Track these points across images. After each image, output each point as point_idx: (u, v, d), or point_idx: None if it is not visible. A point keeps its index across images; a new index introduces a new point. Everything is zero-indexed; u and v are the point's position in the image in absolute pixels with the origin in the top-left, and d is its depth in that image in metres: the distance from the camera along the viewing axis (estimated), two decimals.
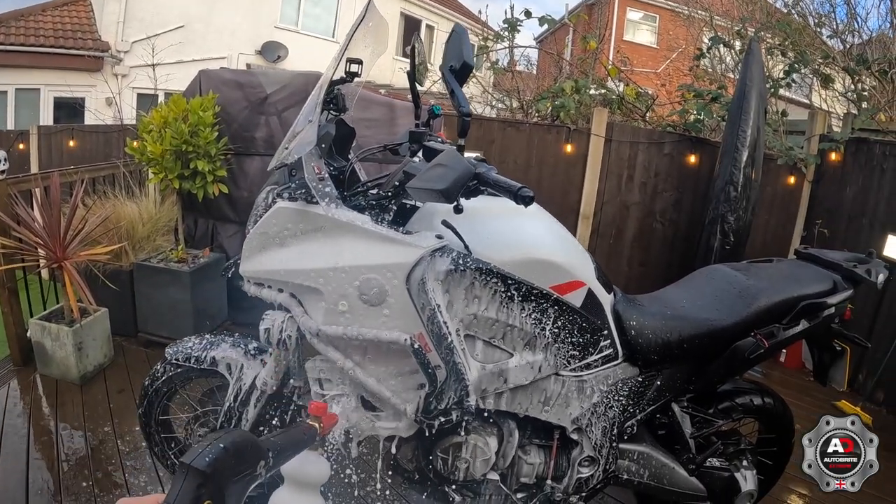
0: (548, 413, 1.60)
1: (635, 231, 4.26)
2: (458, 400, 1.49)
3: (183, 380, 1.91)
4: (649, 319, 1.66)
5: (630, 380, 1.67)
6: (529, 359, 1.52)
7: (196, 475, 0.61)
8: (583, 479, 1.71)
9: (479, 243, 1.46)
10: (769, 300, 1.72)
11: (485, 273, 1.41)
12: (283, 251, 1.44)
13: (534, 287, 1.46)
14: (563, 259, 1.51)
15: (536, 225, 1.58)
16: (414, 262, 1.37)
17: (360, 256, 1.38)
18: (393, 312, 1.41)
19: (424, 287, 1.37)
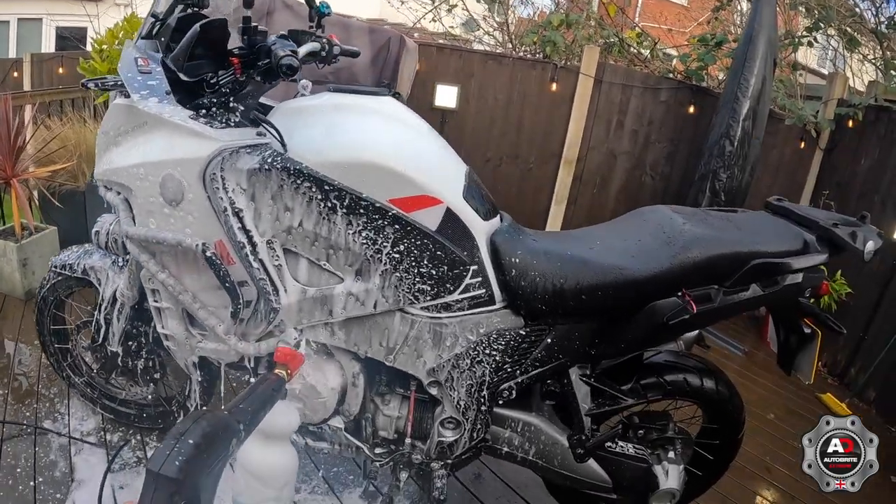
0: (394, 359, 1.31)
1: (622, 182, 3.84)
2: (270, 324, 1.25)
3: (65, 288, 1.83)
4: (539, 259, 1.31)
5: (510, 332, 1.34)
6: (361, 287, 1.23)
7: (167, 484, 0.54)
8: (445, 443, 1.41)
9: (302, 142, 1.20)
10: (705, 252, 1.30)
11: (294, 175, 1.15)
12: (116, 150, 1.30)
13: (362, 198, 1.17)
14: (405, 167, 1.20)
15: (384, 126, 1.27)
16: (209, 156, 1.16)
17: (164, 151, 1.21)
18: (192, 214, 1.22)
19: (217, 186, 1.16)
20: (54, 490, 1.68)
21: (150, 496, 0.55)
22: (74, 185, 2.67)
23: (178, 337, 1.43)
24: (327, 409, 1.39)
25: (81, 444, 1.87)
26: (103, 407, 1.95)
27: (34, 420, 1.92)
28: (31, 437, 1.87)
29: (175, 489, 0.54)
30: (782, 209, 1.48)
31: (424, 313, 1.28)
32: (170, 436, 0.59)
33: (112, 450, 1.87)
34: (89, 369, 1.95)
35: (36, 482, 1.70)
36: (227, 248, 1.21)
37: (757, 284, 1.34)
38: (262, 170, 1.15)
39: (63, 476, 1.74)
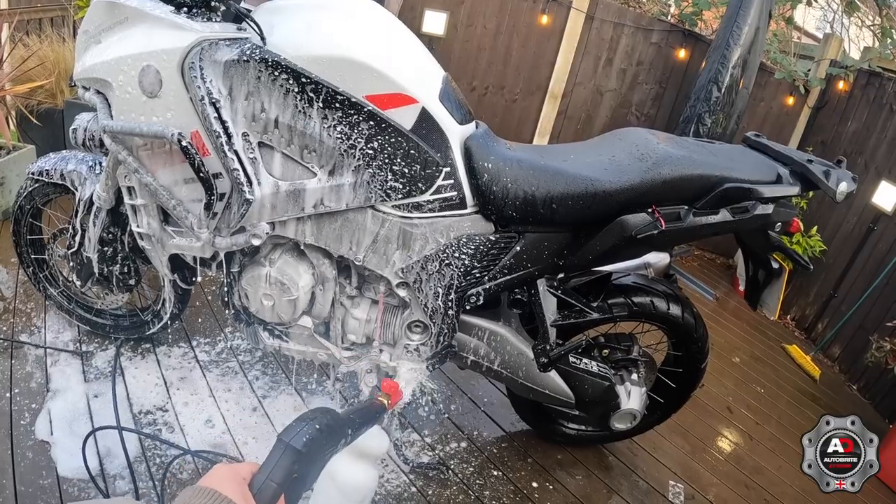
0: (364, 258, 1.34)
1: (607, 120, 3.86)
2: (242, 218, 1.27)
3: (42, 196, 1.82)
4: (512, 166, 1.33)
5: (480, 237, 1.37)
6: (335, 182, 1.25)
7: (293, 453, 0.65)
8: (412, 347, 1.45)
9: (282, 36, 1.22)
10: (676, 171, 1.33)
11: (271, 66, 1.17)
12: (97, 48, 1.32)
13: (338, 92, 1.18)
14: (383, 65, 1.21)
15: (363, 25, 1.27)
16: (188, 47, 1.18)
17: (144, 43, 1.23)
18: (169, 105, 1.24)
19: (195, 76, 1.18)
20: (30, 401, 1.71)
21: (276, 459, 0.64)
22: (53, 103, 2.64)
23: (154, 234, 1.45)
24: (297, 308, 1.42)
25: (57, 356, 1.89)
26: (79, 318, 1.98)
27: (10, 334, 1.93)
28: (7, 351, 1.89)
29: (296, 458, 0.64)
30: (759, 144, 1.51)
31: (395, 212, 1.31)
32: (303, 416, 0.70)
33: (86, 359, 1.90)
34: (65, 279, 1.97)
35: (12, 393, 1.72)
36: (202, 138, 1.22)
37: (727, 210, 1.37)
38: (241, 61, 1.17)
39: (39, 387, 1.76)
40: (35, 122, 2.54)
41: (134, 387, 1.82)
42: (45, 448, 1.56)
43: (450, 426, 1.87)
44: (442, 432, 1.84)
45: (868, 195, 2.84)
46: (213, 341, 2.04)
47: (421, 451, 1.76)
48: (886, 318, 2.37)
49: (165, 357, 1.94)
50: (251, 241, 1.31)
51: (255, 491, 0.61)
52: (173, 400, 1.79)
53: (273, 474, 0.63)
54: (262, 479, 0.62)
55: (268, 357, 2.01)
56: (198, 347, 1.99)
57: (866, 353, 2.32)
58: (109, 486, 1.49)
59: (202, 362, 1.93)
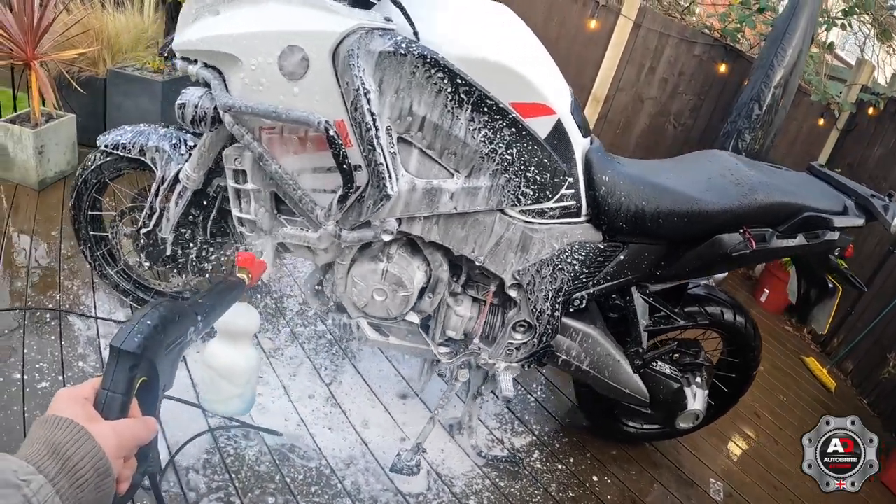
0: (485, 258, 1.37)
1: (645, 127, 3.96)
2: (376, 212, 1.26)
3: (112, 170, 1.75)
4: (625, 180, 1.40)
5: (590, 245, 1.42)
6: (472, 183, 1.28)
7: (127, 358, 0.61)
8: (514, 345, 1.50)
9: (432, 32, 1.21)
10: (768, 197, 1.44)
11: (429, 63, 1.16)
12: (214, 19, 1.25)
13: (488, 96, 1.20)
14: (531, 74, 1.24)
15: (510, 31, 1.30)
16: (344, 32, 1.15)
17: (288, 21, 1.18)
18: (313, 90, 1.20)
19: (352, 64, 1.14)
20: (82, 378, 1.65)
21: (112, 369, 0.60)
22: (94, 72, 2.51)
23: (262, 221, 1.42)
24: (408, 304, 1.44)
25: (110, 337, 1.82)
26: (136, 299, 1.91)
27: (58, 315, 1.84)
28: (54, 331, 1.80)
29: (134, 362, 0.60)
30: (823, 174, 1.63)
31: (521, 217, 1.35)
32: (131, 318, 0.64)
33: None
34: (126, 258, 1.88)
35: (64, 377, 1.66)
36: (346, 129, 1.21)
37: (803, 235, 1.48)
38: (397, 54, 1.15)
39: (94, 371, 1.70)
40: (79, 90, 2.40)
41: (198, 374, 1.77)
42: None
43: (513, 420, 1.92)
44: (507, 426, 1.90)
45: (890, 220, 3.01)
46: (275, 328, 2.01)
47: (491, 444, 1.80)
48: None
49: None
50: (381, 237, 1.32)
51: (100, 408, 0.58)
52: None
53: (114, 385, 0.59)
54: (104, 394, 0.59)
55: (332, 344, 2.00)
56: (262, 334, 1.96)
57: (881, 371, 2.50)
58: (182, 479, 1.46)
59: (267, 350, 1.90)
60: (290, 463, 1.59)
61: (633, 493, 1.81)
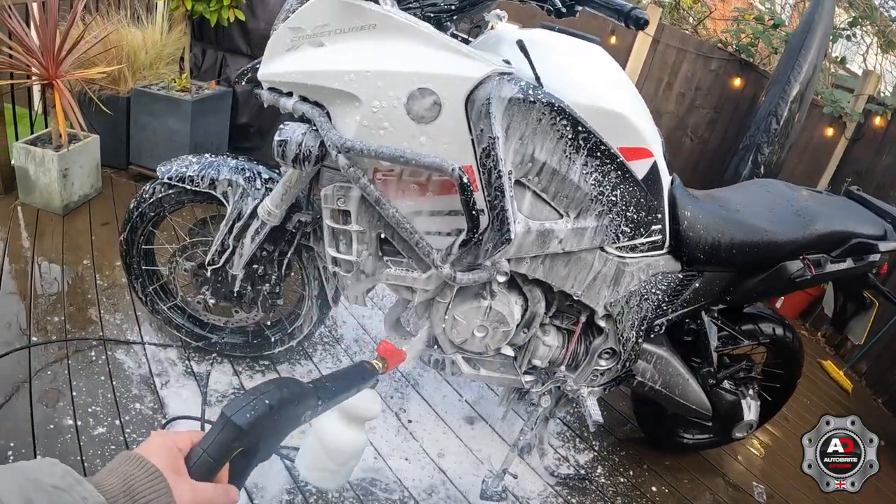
0: (583, 292, 1.46)
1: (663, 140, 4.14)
2: (494, 255, 1.32)
3: (174, 203, 1.70)
4: (704, 214, 1.52)
5: (670, 275, 1.54)
6: (580, 224, 1.36)
7: (234, 429, 0.60)
8: (599, 371, 1.59)
9: (550, 79, 1.26)
10: (827, 227, 1.60)
11: (556, 111, 1.22)
12: (317, 51, 1.23)
13: (602, 142, 1.28)
14: (637, 120, 1.34)
15: (612, 75, 1.39)
16: (480, 78, 1.18)
17: (419, 62, 1.18)
18: (443, 134, 1.21)
19: (489, 111, 1.17)
20: (146, 430, 1.60)
21: (215, 434, 0.61)
22: (115, 90, 2.41)
23: (365, 263, 1.43)
24: (505, 339, 1.50)
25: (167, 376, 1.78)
26: (189, 334, 1.86)
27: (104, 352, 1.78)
28: (102, 369, 1.74)
29: (237, 436, 0.61)
30: (861, 199, 1.81)
31: (617, 253, 1.44)
32: (252, 390, 0.65)
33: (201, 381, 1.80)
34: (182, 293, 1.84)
35: (122, 421, 1.61)
36: (474, 174, 1.25)
37: (851, 259, 1.65)
38: (526, 101, 1.20)
39: (153, 413, 1.66)
40: (102, 110, 2.30)
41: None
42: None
43: (574, 438, 2.02)
44: (570, 444, 1.99)
45: None
46: (335, 356, 2.01)
47: (559, 463, 1.90)
48: None
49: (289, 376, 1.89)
50: (496, 278, 1.37)
51: (190, 463, 0.58)
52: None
53: (211, 449, 0.59)
54: (199, 453, 0.59)
55: (394, 373, 2.03)
56: (321, 364, 1.97)
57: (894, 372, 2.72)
58: None
59: None
60: (374, 497, 1.62)
61: (689, 499, 1.95)
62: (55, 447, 1.49)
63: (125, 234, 1.74)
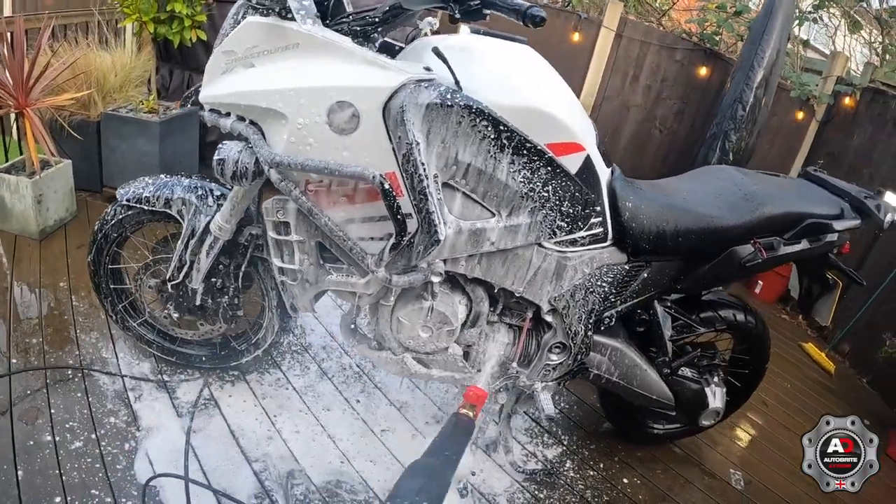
0: (524, 288, 1.50)
1: (632, 133, 4.20)
2: (426, 256, 1.37)
3: (134, 223, 1.78)
4: (646, 204, 1.55)
5: (616, 266, 1.57)
6: (513, 222, 1.40)
7: None
8: (551, 366, 1.63)
9: (472, 82, 1.31)
10: (775, 209, 1.61)
11: (475, 113, 1.27)
12: (248, 72, 1.30)
13: (527, 140, 1.32)
14: (564, 115, 1.37)
15: (538, 73, 1.43)
16: (395, 88, 1.23)
17: (335, 77, 1.24)
18: (363, 144, 1.27)
19: (404, 118, 1.23)
20: (120, 442, 1.67)
21: None
22: (85, 115, 2.51)
23: (307, 272, 1.50)
24: (452, 337, 1.55)
25: (140, 390, 1.86)
26: (160, 348, 1.94)
27: (80, 370, 1.86)
28: (78, 388, 1.81)
29: None
30: (819, 179, 1.82)
31: (556, 248, 1.48)
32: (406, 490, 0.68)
33: (171, 391, 1.88)
34: (149, 309, 1.92)
35: (97, 434, 1.68)
36: (398, 180, 1.30)
37: (806, 240, 1.66)
38: (444, 105, 1.24)
39: (127, 425, 1.72)
40: (73, 135, 2.41)
41: (234, 419, 1.84)
42: (153, 492, 1.54)
43: (542, 433, 2.06)
44: (538, 440, 2.03)
45: None
46: (302, 364, 2.08)
47: (526, 458, 1.93)
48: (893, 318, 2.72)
49: (258, 385, 1.97)
50: (430, 279, 1.42)
51: None
52: (279, 428, 1.83)
53: None
54: None
55: (361, 376, 2.09)
56: (289, 372, 2.03)
57: (877, 350, 2.73)
58: None
59: (297, 388, 1.98)
60: (339, 498, 1.68)
61: (662, 490, 1.97)
62: (35, 462, 1.58)
63: (92, 256, 1.82)
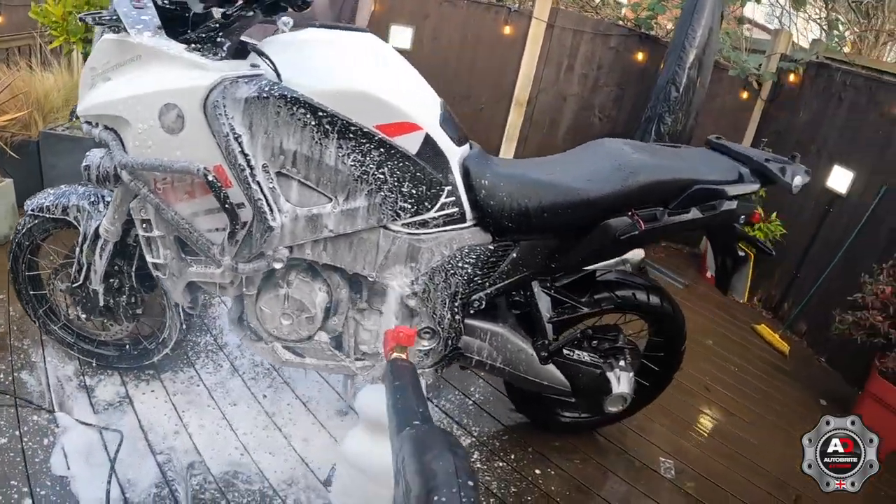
0: (377, 274, 1.51)
1: (571, 123, 4.19)
2: (265, 244, 1.41)
3: (41, 231, 1.91)
4: (506, 181, 1.53)
5: (480, 247, 1.56)
6: (350, 205, 1.42)
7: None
8: (422, 352, 1.63)
9: (296, 72, 1.37)
10: (651, 177, 1.56)
11: (290, 102, 1.32)
12: (106, 85, 1.42)
13: (352, 123, 1.35)
14: (390, 96, 1.39)
15: (369, 58, 1.45)
16: (210, 86, 1.31)
17: (162, 82, 1.34)
18: (191, 141, 1.36)
19: (219, 113, 1.31)
20: (41, 437, 1.76)
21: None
22: (26, 135, 2.69)
23: (170, 264, 1.57)
24: (315, 325, 1.58)
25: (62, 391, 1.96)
26: (81, 351, 2.06)
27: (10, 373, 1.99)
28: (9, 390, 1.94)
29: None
30: (720, 146, 1.75)
31: (404, 230, 1.49)
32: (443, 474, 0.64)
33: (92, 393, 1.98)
34: (67, 314, 2.04)
35: (21, 431, 1.78)
36: (225, 171, 1.36)
37: (697, 208, 1.59)
38: (260, 98, 1.31)
39: (48, 423, 1.82)
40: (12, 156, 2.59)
41: (145, 414, 1.92)
42: (65, 483, 1.63)
43: (451, 425, 2.05)
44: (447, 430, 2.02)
45: (823, 180, 3.18)
46: (215, 363, 2.15)
47: None
48: (846, 293, 2.63)
49: (171, 383, 2.05)
50: (273, 265, 1.46)
51: None
52: (185, 423, 1.90)
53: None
54: None
55: (271, 372, 2.14)
56: (202, 370, 2.11)
57: (831, 327, 2.62)
58: None
59: (208, 385, 2.05)
60: (235, 488, 1.73)
61: (578, 480, 1.92)
62: None
63: (10, 265, 1.97)
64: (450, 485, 0.61)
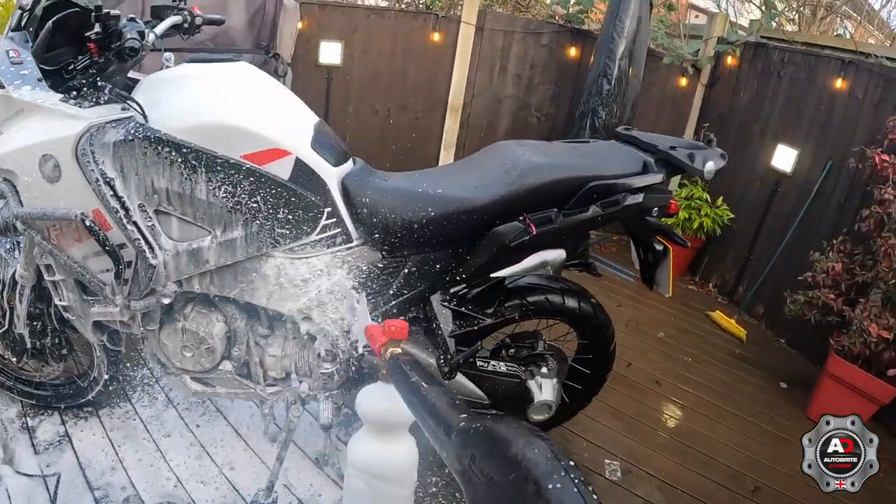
0: (268, 301, 1.56)
1: (509, 125, 4.24)
2: (152, 281, 1.48)
3: None
4: (389, 197, 1.56)
5: (368, 266, 1.59)
6: (227, 237, 1.47)
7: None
8: (326, 374, 1.67)
9: (161, 111, 1.43)
10: (540, 178, 1.55)
11: (154, 142, 1.38)
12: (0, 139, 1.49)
13: (217, 156, 1.41)
14: (254, 124, 1.44)
15: (234, 88, 1.50)
16: (79, 134, 1.38)
17: (39, 134, 1.42)
18: (70, 189, 1.43)
19: (87, 160, 1.38)
20: None
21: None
22: None
23: (75, 306, 1.65)
24: (216, 355, 1.63)
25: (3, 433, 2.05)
26: (20, 393, 2.15)
27: None
28: None
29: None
30: (630, 137, 1.74)
31: (288, 256, 1.53)
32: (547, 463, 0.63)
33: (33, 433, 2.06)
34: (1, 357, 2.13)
35: None
36: (103, 215, 1.43)
37: (597, 206, 1.59)
38: (127, 141, 1.38)
39: None
40: None
41: (83, 452, 1.99)
42: None
43: None
44: None
45: (768, 159, 3.17)
46: (151, 396, 2.23)
47: None
48: (801, 272, 2.63)
49: (108, 418, 2.12)
50: (162, 301, 1.52)
51: None
52: (122, 457, 1.97)
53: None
54: None
55: (205, 402, 2.20)
56: (138, 404, 2.18)
57: (784, 309, 2.60)
58: None
59: (144, 418, 2.12)
60: None
61: None
62: None
63: None
64: (556, 470, 0.59)
